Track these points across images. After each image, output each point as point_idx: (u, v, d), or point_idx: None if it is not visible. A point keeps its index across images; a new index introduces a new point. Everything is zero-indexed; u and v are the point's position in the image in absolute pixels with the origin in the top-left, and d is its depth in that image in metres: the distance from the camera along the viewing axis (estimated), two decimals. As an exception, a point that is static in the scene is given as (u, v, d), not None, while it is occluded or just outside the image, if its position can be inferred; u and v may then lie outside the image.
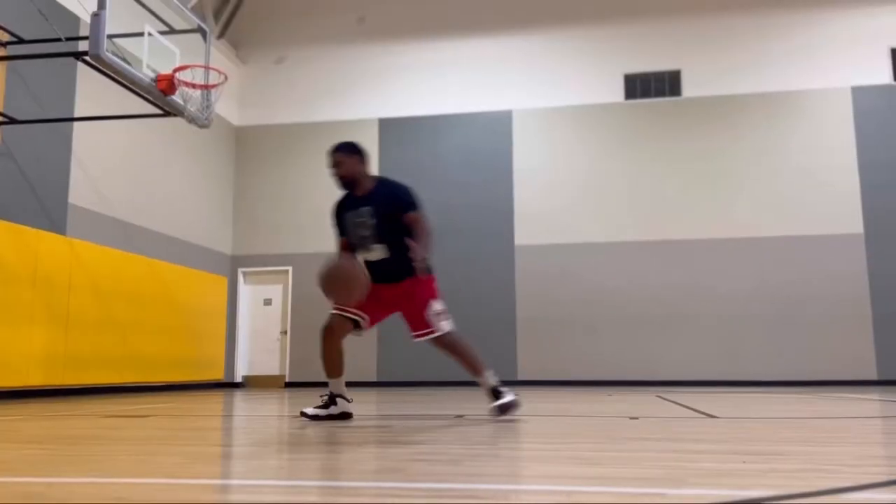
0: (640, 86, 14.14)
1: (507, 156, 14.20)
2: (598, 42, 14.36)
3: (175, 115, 8.34)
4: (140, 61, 7.79)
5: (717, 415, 4.95)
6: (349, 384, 4.54)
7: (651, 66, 14.14)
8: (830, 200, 13.19)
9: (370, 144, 14.39)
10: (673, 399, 7.43)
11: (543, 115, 14.29)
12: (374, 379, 13.64)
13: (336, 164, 4.49)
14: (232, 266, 14.71)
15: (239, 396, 9.38)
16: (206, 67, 8.45)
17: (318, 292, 4.17)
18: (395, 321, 4.65)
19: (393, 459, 2.68)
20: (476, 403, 5.95)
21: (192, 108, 8.26)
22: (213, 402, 7.71)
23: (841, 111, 13.45)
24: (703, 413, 5.18)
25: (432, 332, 4.42)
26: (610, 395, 8.84)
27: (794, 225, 13.24)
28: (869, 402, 6.77)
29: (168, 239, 12.51)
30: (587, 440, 3.40)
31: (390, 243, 4.38)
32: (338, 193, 4.60)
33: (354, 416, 4.55)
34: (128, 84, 7.67)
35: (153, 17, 8.32)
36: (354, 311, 4.37)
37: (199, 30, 8.76)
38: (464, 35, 14.79)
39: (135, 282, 10.81)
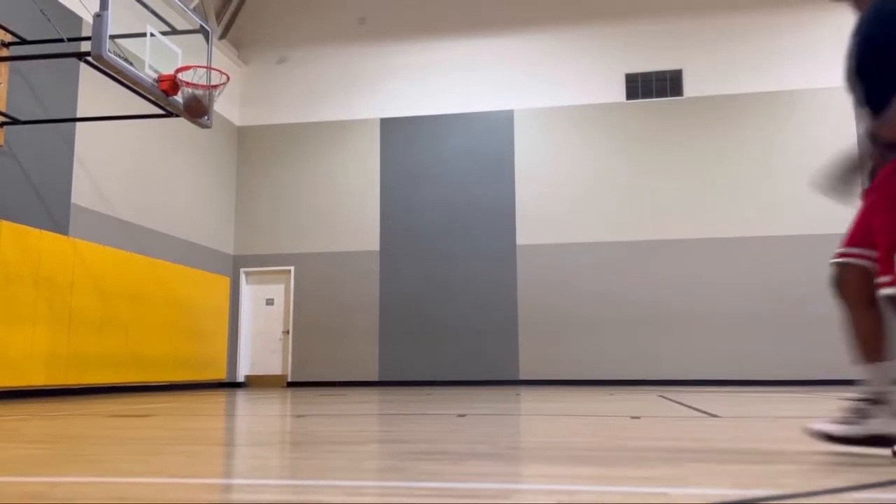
0: (642, 85, 14.13)
1: (508, 155, 14.19)
2: (599, 42, 14.35)
3: (177, 115, 8.36)
4: (142, 62, 7.81)
5: (719, 414, 4.95)
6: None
7: (652, 65, 14.13)
8: (832, 199, 13.16)
9: (371, 144, 14.40)
10: (675, 399, 7.43)
11: (545, 115, 14.29)
12: (375, 378, 13.62)
13: None
14: (234, 266, 14.72)
15: (241, 396, 9.39)
16: (209, 68, 8.47)
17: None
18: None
19: (395, 458, 2.69)
20: (477, 403, 5.94)
21: (194, 108, 8.27)
22: (215, 402, 7.72)
23: (842, 110, 13.42)
24: (704, 412, 5.18)
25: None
26: (612, 394, 8.84)
27: (795, 224, 13.22)
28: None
29: (170, 239, 12.52)
30: (589, 440, 3.40)
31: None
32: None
33: (354, 417, 4.51)
34: (130, 84, 7.69)
35: (155, 18, 8.34)
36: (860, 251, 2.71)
37: (202, 30, 8.78)
38: (465, 35, 14.79)
39: (137, 282, 10.82)
